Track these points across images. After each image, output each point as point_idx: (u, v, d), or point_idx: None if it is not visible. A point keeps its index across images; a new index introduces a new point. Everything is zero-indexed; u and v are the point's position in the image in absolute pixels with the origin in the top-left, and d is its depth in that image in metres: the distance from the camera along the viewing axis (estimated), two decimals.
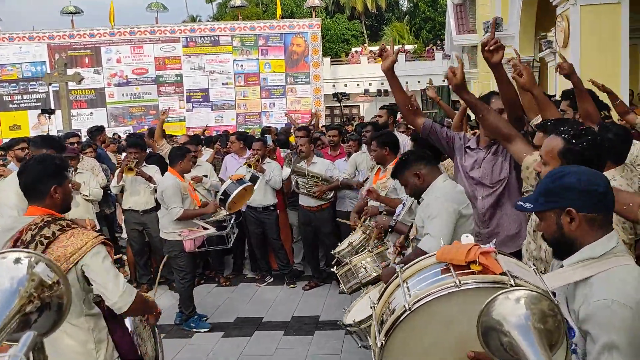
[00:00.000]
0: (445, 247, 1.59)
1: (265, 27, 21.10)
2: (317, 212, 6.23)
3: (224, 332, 5.24)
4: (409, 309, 1.45)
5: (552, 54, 10.56)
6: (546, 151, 2.17)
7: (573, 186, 1.67)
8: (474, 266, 1.49)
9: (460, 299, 1.46)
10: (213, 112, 20.72)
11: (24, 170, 2.46)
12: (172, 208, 5.14)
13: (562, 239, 1.71)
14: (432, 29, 36.40)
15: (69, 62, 18.23)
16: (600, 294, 1.59)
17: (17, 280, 1.12)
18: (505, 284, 1.42)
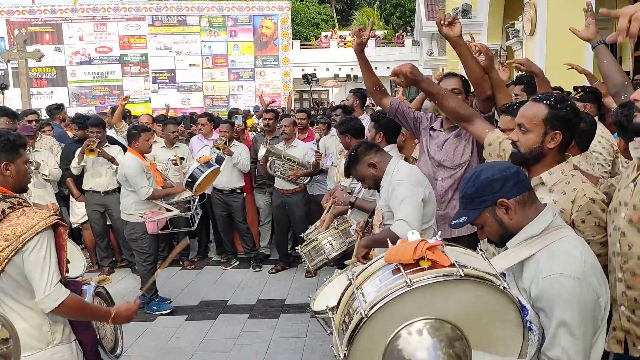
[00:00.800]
0: (392, 248, 1.59)
1: (234, 7, 20.71)
2: (291, 194, 6.19)
3: (187, 315, 5.16)
4: (366, 316, 1.44)
5: (519, 43, 10.68)
6: (528, 118, 2.12)
7: (491, 180, 1.73)
8: (422, 262, 1.50)
9: (415, 296, 1.46)
10: (180, 93, 20.31)
11: None
12: (142, 188, 5.03)
13: (506, 232, 1.77)
14: (402, 15, 36.47)
15: (29, 39, 17.54)
16: (547, 269, 1.64)
17: None
18: (455, 275, 1.44)
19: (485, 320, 1.53)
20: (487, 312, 1.52)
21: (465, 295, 1.48)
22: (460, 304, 1.48)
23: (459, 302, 1.48)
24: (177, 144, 6.49)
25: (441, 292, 1.47)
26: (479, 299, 1.49)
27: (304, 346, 4.47)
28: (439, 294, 1.47)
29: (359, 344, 1.47)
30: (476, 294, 1.49)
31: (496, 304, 1.51)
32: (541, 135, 2.08)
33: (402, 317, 1.47)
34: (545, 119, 2.09)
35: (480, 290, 1.49)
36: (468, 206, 1.77)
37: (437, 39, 18.48)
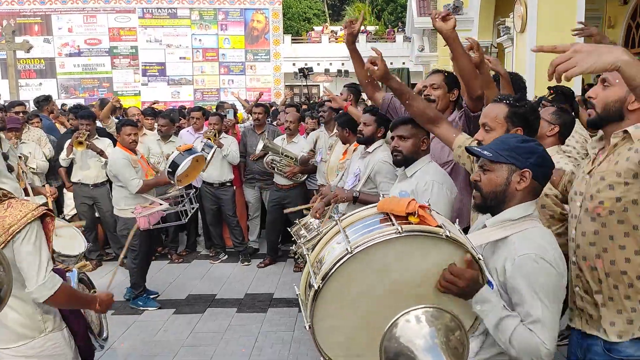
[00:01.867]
0: (386, 199, 1.66)
1: (225, 1, 20.60)
2: (288, 190, 6.19)
3: (175, 309, 5.15)
4: (351, 252, 1.47)
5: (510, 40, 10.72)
6: (491, 118, 2.30)
7: (538, 154, 1.84)
8: (412, 218, 1.56)
9: (399, 246, 1.52)
10: (170, 87, 20.20)
11: None
12: (131, 180, 4.91)
13: (501, 195, 1.86)
14: (394, 11, 36.45)
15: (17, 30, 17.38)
16: (524, 249, 1.75)
17: None
18: (441, 235, 1.52)
19: None
20: None
21: (441, 255, 1.56)
22: (433, 262, 1.56)
23: (433, 260, 1.56)
24: (172, 138, 6.44)
25: (422, 247, 1.54)
26: (452, 263, 1.57)
27: (292, 340, 4.48)
28: (420, 248, 1.54)
29: (335, 280, 1.50)
30: (451, 258, 1.57)
31: None
32: (504, 132, 2.23)
33: (381, 263, 1.52)
34: (506, 117, 2.26)
35: (456, 255, 1.57)
36: (501, 151, 1.85)
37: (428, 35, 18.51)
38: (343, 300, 1.54)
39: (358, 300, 1.56)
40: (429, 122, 2.72)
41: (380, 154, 3.71)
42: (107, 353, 4.15)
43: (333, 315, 1.56)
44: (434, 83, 3.25)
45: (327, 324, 1.57)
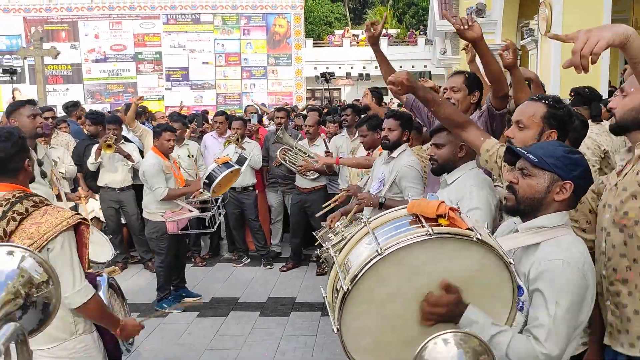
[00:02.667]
0: (415, 201, 1.64)
1: (248, 6, 20.74)
2: (309, 193, 6.20)
3: (199, 312, 5.21)
4: (381, 253, 1.47)
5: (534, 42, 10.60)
6: (527, 116, 2.21)
7: (584, 167, 1.80)
8: (442, 220, 1.55)
9: (429, 248, 1.51)
10: (192, 91, 20.40)
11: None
12: (157, 189, 4.99)
13: (538, 202, 1.81)
14: (416, 14, 36.33)
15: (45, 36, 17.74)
16: (551, 255, 1.72)
17: (6, 273, 1.08)
18: (472, 238, 1.50)
19: (480, 289, 1.59)
20: (484, 283, 1.59)
21: (471, 259, 1.54)
22: (463, 265, 1.55)
23: (462, 263, 1.54)
24: (186, 141, 6.50)
25: (452, 250, 1.52)
26: (482, 268, 1.55)
27: (315, 344, 4.49)
28: (449, 251, 1.53)
29: (364, 282, 1.50)
30: (482, 261, 1.54)
31: (496, 278, 1.57)
32: (538, 133, 2.17)
33: (411, 265, 1.52)
34: (543, 117, 2.18)
35: (487, 259, 1.54)
36: (547, 157, 1.80)
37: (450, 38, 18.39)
38: (372, 303, 1.54)
39: (386, 303, 1.56)
40: (456, 126, 2.65)
41: (404, 159, 3.70)
42: (133, 355, 4.21)
43: (361, 318, 1.56)
44: (454, 86, 3.23)
45: (355, 326, 1.57)
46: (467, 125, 2.62)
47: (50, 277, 1.15)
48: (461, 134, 2.64)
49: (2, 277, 1.05)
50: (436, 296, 1.55)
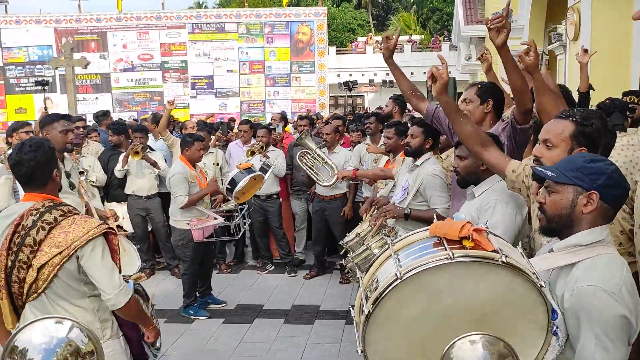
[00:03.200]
0: (438, 222, 1.62)
1: (271, 14, 20.95)
2: (330, 201, 6.21)
3: (224, 318, 5.25)
4: (400, 277, 1.47)
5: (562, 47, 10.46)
6: (554, 134, 2.12)
7: (607, 174, 1.70)
8: (466, 242, 1.52)
9: (451, 272, 1.49)
10: (217, 99, 20.64)
11: (22, 160, 2.37)
12: (177, 197, 5.07)
13: (567, 218, 1.74)
14: (440, 20, 36.18)
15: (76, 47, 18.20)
16: (584, 279, 1.64)
17: (56, 340, 1.13)
18: (497, 261, 1.47)
19: (510, 313, 1.54)
20: (515, 305, 1.53)
21: (499, 282, 1.50)
22: (490, 288, 1.50)
23: (489, 286, 1.50)
24: (211, 149, 6.57)
25: (477, 273, 1.49)
26: (510, 290, 1.51)
27: (339, 352, 4.49)
28: (474, 275, 1.50)
29: (386, 304, 1.50)
30: (510, 284, 1.50)
31: (527, 300, 1.53)
32: (567, 151, 2.07)
33: (433, 288, 1.50)
34: (572, 135, 2.08)
35: (515, 282, 1.50)
36: (566, 171, 1.74)
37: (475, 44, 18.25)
38: (395, 325, 1.53)
39: (412, 326, 1.54)
40: (479, 145, 2.60)
41: (429, 167, 3.69)
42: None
43: (385, 340, 1.55)
44: (466, 97, 3.21)
45: (380, 348, 1.56)
46: (488, 146, 2.57)
47: (96, 348, 1.19)
48: (482, 153, 2.57)
49: (52, 345, 1.10)
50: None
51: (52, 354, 1.12)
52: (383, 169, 4.87)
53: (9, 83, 20.10)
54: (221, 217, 5.26)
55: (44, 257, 2.27)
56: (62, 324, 1.17)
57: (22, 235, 2.29)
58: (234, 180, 5.14)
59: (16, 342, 1.06)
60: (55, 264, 2.27)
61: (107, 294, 2.32)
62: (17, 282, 2.32)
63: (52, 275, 2.28)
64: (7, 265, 2.30)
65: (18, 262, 2.28)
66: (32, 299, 2.33)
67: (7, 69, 20.09)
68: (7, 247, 2.30)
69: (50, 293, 2.33)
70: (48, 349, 1.13)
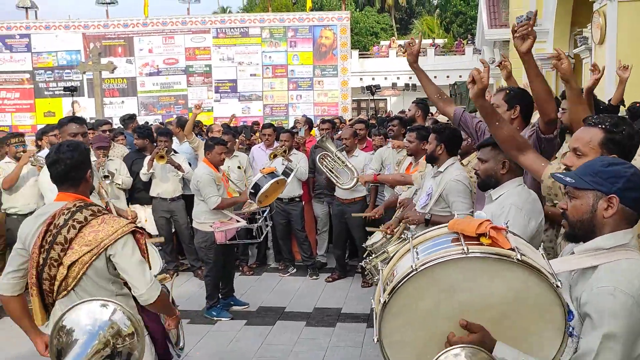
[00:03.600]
0: (457, 219, 1.67)
1: (295, 19, 21.09)
2: (349, 204, 6.24)
3: (246, 320, 5.31)
4: (415, 269, 1.52)
5: (587, 51, 10.33)
6: (584, 142, 2.12)
7: (626, 177, 1.69)
8: (483, 239, 1.56)
9: (466, 266, 1.53)
10: (240, 102, 20.84)
11: (59, 159, 2.47)
12: (210, 197, 5.12)
13: (589, 223, 1.74)
14: (463, 23, 35.93)
15: (103, 52, 18.57)
16: (604, 281, 1.63)
17: (98, 324, 1.18)
18: (512, 258, 1.50)
19: (526, 311, 1.56)
20: (531, 305, 1.55)
21: (514, 280, 1.53)
22: (505, 286, 1.53)
23: (504, 283, 1.53)
24: (236, 152, 6.65)
25: (492, 269, 1.52)
26: (526, 288, 1.53)
27: (360, 355, 4.50)
28: (489, 271, 1.53)
29: (401, 295, 1.55)
30: (526, 282, 1.53)
31: (543, 300, 1.54)
32: None
33: (447, 282, 1.54)
34: (601, 143, 2.08)
35: (530, 281, 1.53)
36: (585, 176, 1.75)
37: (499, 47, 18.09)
38: (411, 316, 1.58)
39: (428, 318, 1.58)
40: (515, 149, 2.58)
41: (453, 172, 3.69)
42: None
43: (401, 331, 1.60)
44: (493, 103, 3.17)
45: (396, 339, 1.61)
46: (526, 150, 2.55)
47: (137, 330, 1.24)
48: (519, 157, 2.55)
49: (95, 327, 1.16)
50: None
51: (95, 336, 1.18)
52: (404, 175, 4.88)
53: (38, 87, 20.61)
54: (244, 220, 5.33)
55: (74, 255, 2.35)
56: (107, 307, 1.23)
57: (54, 233, 2.37)
58: (257, 184, 5.23)
59: (64, 322, 1.12)
60: (85, 262, 2.35)
61: (140, 290, 2.40)
62: (48, 280, 2.40)
63: (82, 273, 2.36)
64: (38, 263, 2.39)
65: (49, 259, 2.37)
66: (61, 297, 2.41)
67: (36, 73, 20.59)
68: (39, 245, 2.39)
69: (79, 291, 2.41)
70: (92, 331, 1.20)
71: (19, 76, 20.62)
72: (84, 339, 1.17)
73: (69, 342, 1.15)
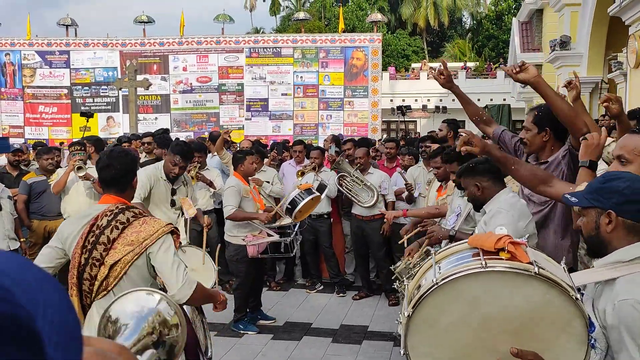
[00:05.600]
0: (477, 235, 1.75)
1: (327, 40, 21.39)
2: (369, 221, 6.24)
3: (273, 334, 5.32)
4: (436, 283, 1.58)
5: (622, 76, 10.19)
6: (629, 149, 2.15)
7: (620, 191, 1.74)
8: (502, 253, 1.61)
9: (486, 280, 1.58)
10: (271, 121, 21.11)
11: (110, 164, 2.59)
12: (226, 206, 5.19)
13: (597, 239, 1.79)
14: (495, 47, 35.80)
15: (139, 69, 19.11)
16: (624, 293, 1.64)
17: (147, 309, 1.24)
18: (530, 272, 1.54)
19: (547, 324, 1.58)
20: (552, 317, 1.58)
21: (534, 293, 1.56)
22: (525, 299, 1.57)
23: (525, 297, 1.57)
24: (264, 167, 6.72)
25: (511, 283, 1.57)
26: (547, 302, 1.56)
27: None
28: (509, 284, 1.57)
29: (424, 309, 1.61)
30: (545, 296, 1.56)
31: (564, 312, 1.57)
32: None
33: (468, 295, 1.59)
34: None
35: (550, 294, 1.56)
36: (587, 195, 1.81)
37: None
38: (435, 329, 1.62)
39: (452, 331, 1.62)
40: (541, 184, 2.61)
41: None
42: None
43: (427, 344, 1.64)
44: (525, 125, 3.20)
45: (423, 352, 1.65)
46: (550, 181, 2.58)
47: (180, 322, 1.29)
48: (547, 190, 2.58)
49: (144, 313, 1.21)
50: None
51: (143, 320, 1.23)
52: (438, 207, 4.79)
53: (75, 102, 21.25)
54: (276, 234, 5.36)
55: (117, 254, 2.44)
56: (152, 296, 1.27)
57: (97, 234, 2.46)
58: (295, 200, 5.25)
59: (110, 312, 1.17)
60: (127, 261, 2.44)
61: (172, 289, 2.46)
62: (89, 280, 2.48)
63: (123, 272, 2.44)
64: (80, 263, 2.48)
65: (91, 259, 2.46)
66: (100, 297, 2.49)
67: (74, 89, 21.27)
68: (81, 245, 2.48)
69: (118, 291, 2.48)
70: (140, 316, 1.24)
71: (57, 91, 21.34)
72: (132, 322, 1.22)
73: (117, 329, 1.20)
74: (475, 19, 39.71)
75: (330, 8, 39.14)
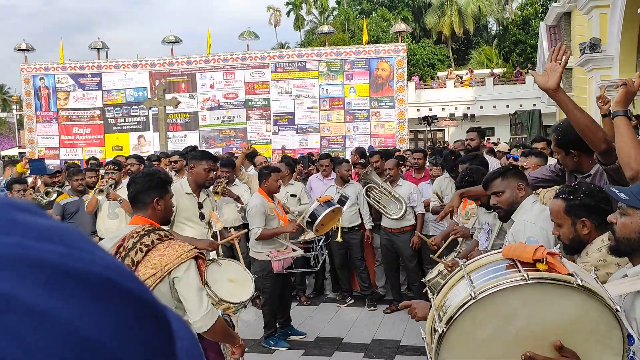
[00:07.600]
0: (512, 245, 1.64)
1: (351, 52, 21.41)
2: (398, 234, 6.17)
3: (304, 350, 5.28)
4: (475, 297, 1.50)
5: None
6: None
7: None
8: (540, 265, 1.54)
9: (525, 293, 1.51)
10: (298, 135, 21.17)
11: (132, 182, 2.65)
12: (253, 229, 5.19)
13: (635, 242, 1.73)
14: (523, 52, 35.33)
15: (168, 88, 19.48)
16: None
17: None
18: (572, 284, 1.48)
19: (584, 337, 1.52)
20: (589, 329, 1.52)
21: (572, 305, 1.50)
22: (563, 311, 1.51)
23: (562, 309, 1.51)
24: (291, 181, 6.73)
25: (550, 295, 1.51)
26: (584, 313, 1.50)
27: None
28: (548, 297, 1.51)
29: (459, 324, 1.53)
30: (584, 307, 1.50)
31: (602, 324, 1.51)
32: None
33: (506, 309, 1.52)
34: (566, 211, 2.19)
35: (589, 305, 1.50)
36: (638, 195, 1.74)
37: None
38: (468, 345, 1.56)
39: (485, 346, 1.56)
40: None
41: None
42: None
43: (460, 358, 1.58)
44: (553, 149, 3.15)
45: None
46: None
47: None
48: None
49: None
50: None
51: None
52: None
53: (108, 123, 21.75)
54: (300, 249, 5.33)
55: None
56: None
57: (122, 255, 2.48)
58: (314, 213, 5.23)
59: None
60: (149, 285, 2.43)
61: (194, 316, 2.43)
62: None
63: None
64: None
65: None
66: None
67: (106, 110, 21.78)
68: None
69: None
70: None
71: (90, 113, 21.89)
72: None
73: None
74: (501, 24, 39.31)
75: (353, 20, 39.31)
